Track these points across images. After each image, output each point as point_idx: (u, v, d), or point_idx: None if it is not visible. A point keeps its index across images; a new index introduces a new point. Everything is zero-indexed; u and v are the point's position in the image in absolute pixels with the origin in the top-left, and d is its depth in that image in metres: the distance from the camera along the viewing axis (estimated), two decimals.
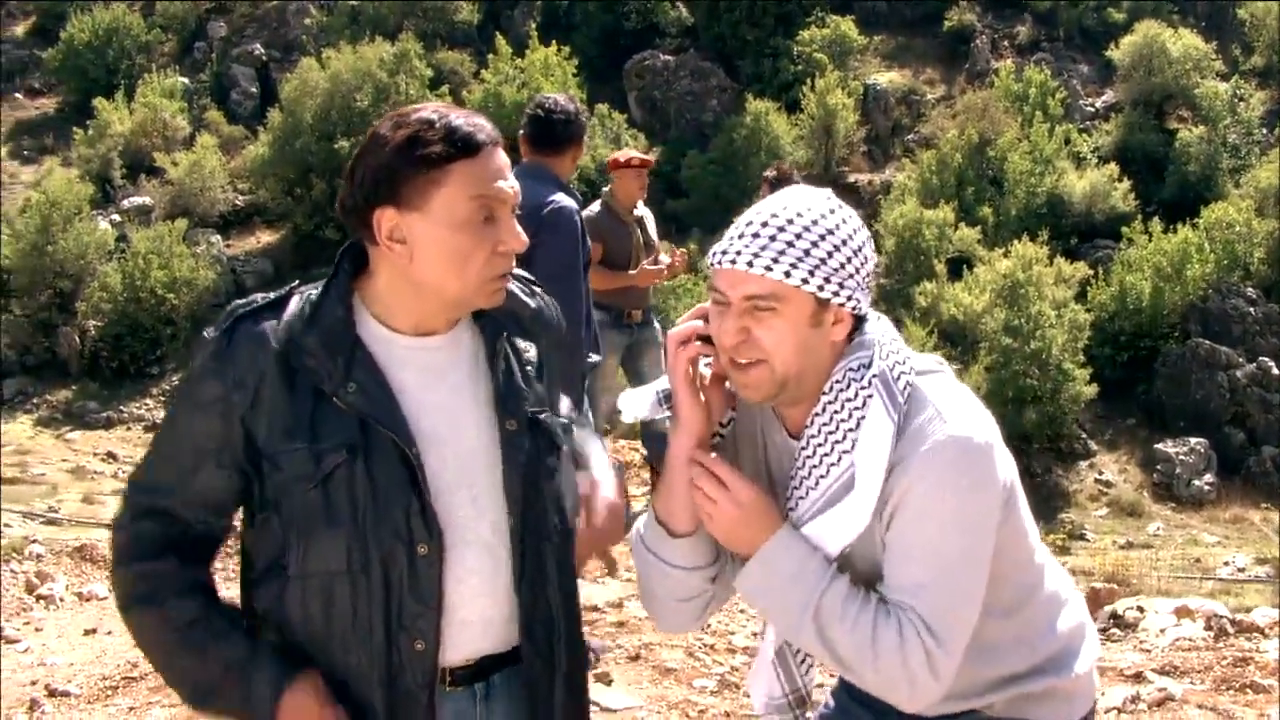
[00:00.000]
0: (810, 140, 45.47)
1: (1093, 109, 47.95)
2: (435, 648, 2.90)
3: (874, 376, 2.96)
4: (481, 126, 2.93)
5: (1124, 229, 40.17)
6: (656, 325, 10.66)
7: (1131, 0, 50.90)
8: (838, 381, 3.00)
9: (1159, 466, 34.33)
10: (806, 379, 3.00)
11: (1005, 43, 50.19)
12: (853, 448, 2.95)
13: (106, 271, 38.14)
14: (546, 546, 3.05)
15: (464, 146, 2.87)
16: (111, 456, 32.22)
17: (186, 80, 48.61)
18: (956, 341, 36.11)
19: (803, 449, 3.04)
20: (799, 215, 3.00)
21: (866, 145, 46.92)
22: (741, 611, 8.87)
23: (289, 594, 2.87)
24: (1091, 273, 38.79)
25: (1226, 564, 28.73)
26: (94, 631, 9.44)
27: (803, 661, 3.32)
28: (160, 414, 35.74)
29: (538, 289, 3.25)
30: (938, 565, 2.91)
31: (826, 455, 2.98)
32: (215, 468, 2.86)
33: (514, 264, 3.01)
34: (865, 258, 3.03)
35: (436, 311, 2.98)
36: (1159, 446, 34.69)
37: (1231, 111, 45.63)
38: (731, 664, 7.83)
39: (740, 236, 2.99)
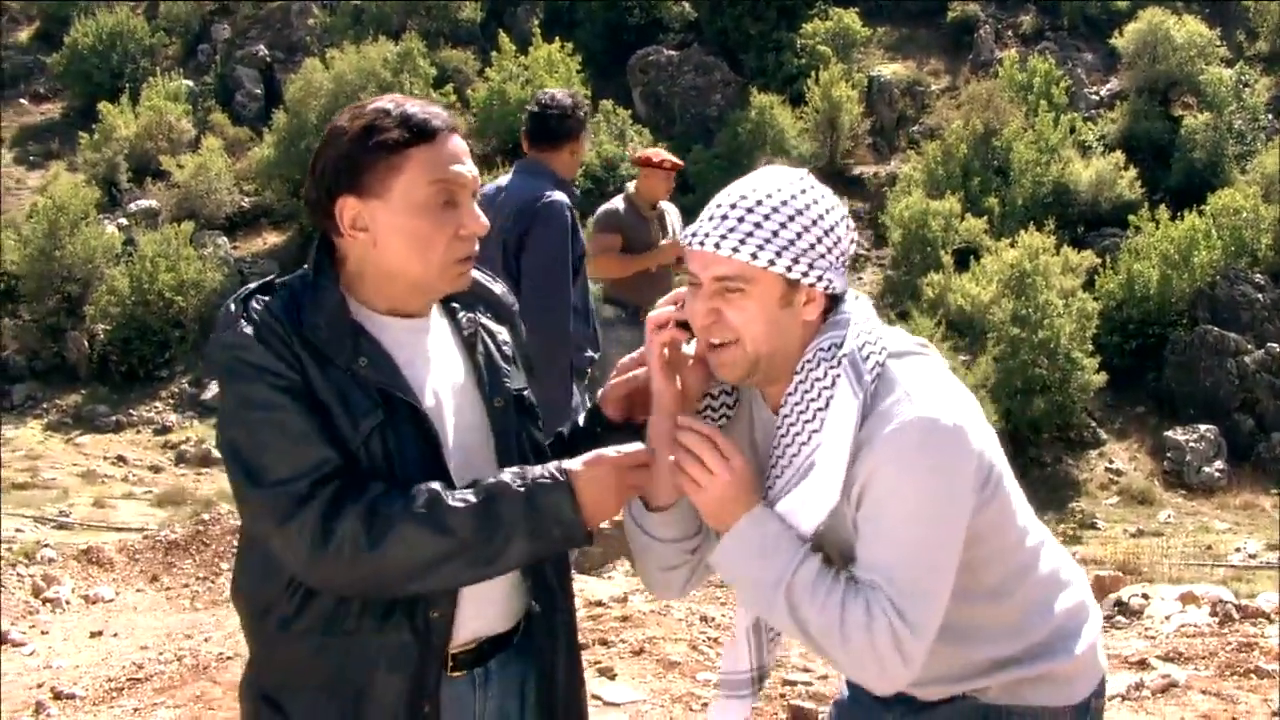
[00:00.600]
0: (815, 133, 45.43)
1: (1097, 97, 47.86)
2: (451, 617, 2.93)
3: (843, 356, 2.97)
4: (437, 114, 2.97)
5: (1131, 217, 40.13)
6: None
7: None
8: (808, 361, 3.01)
9: (1169, 454, 34.30)
10: (779, 358, 3.01)
11: (1009, 32, 50.10)
12: (821, 427, 2.95)
13: (114, 275, 38.21)
14: None
15: (420, 132, 2.91)
16: (122, 460, 32.31)
17: (191, 83, 48.68)
18: (964, 332, 36.07)
19: (777, 428, 3.05)
20: (768, 196, 3.01)
21: (871, 137, 46.87)
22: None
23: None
24: (1099, 261, 38.73)
25: (1238, 550, 28.70)
26: (100, 634, 9.47)
27: (771, 639, 3.32)
28: (171, 416, 35.83)
29: (497, 278, 3.31)
30: (905, 547, 2.91)
31: (798, 434, 2.99)
32: (325, 434, 2.86)
33: (476, 248, 3.03)
34: (837, 237, 3.03)
35: (406, 296, 3.03)
36: (1169, 434, 34.66)
37: (1237, 98, 45.52)
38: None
39: (710, 218, 3.01)
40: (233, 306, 2.98)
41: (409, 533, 2.82)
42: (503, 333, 3.22)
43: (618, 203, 10.49)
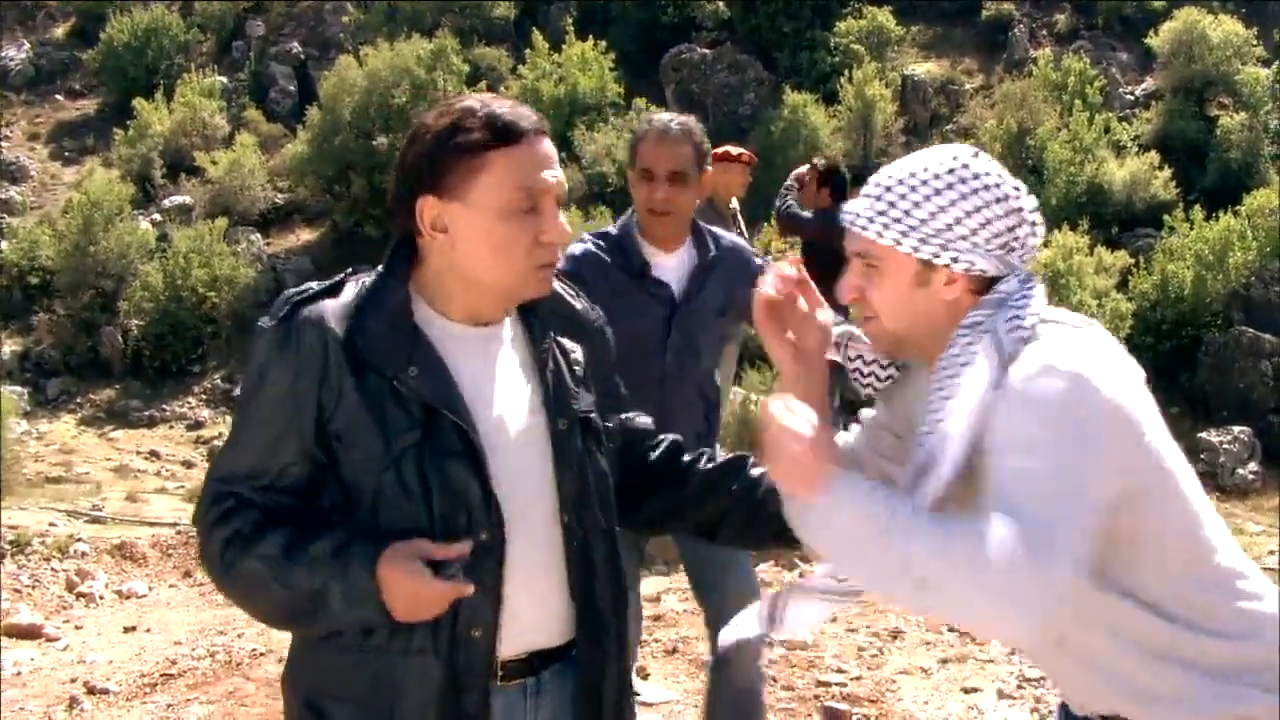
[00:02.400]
0: (848, 132, 45.28)
1: (1132, 97, 47.63)
2: (492, 636, 2.93)
3: (985, 333, 2.93)
4: (525, 115, 2.95)
5: (1165, 217, 39.87)
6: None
7: None
8: (951, 341, 2.99)
9: (1203, 455, 34.05)
10: (923, 336, 3.02)
11: (1044, 31, 49.92)
12: (953, 395, 2.92)
13: (148, 271, 38.26)
14: (596, 544, 3.07)
15: (504, 134, 2.89)
16: (155, 455, 32.37)
17: (225, 79, 48.74)
18: None
19: (929, 404, 3.02)
20: (911, 174, 3.03)
21: (905, 136, 46.65)
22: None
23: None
24: (1133, 261, 38.50)
25: (1272, 553, 28.54)
26: (133, 629, 9.49)
27: None
28: (204, 412, 35.92)
29: (580, 291, 3.27)
30: (1027, 480, 2.79)
31: (935, 411, 2.96)
32: (291, 453, 2.91)
33: (558, 255, 3.01)
34: (986, 219, 3.01)
35: (485, 301, 3.02)
36: (1202, 435, 34.43)
37: (1273, 98, 45.20)
38: (770, 657, 7.81)
39: (862, 195, 3.04)
40: (282, 302, 3.00)
41: (252, 570, 2.87)
42: (576, 351, 3.18)
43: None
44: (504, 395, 3.01)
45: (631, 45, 48.75)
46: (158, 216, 41.80)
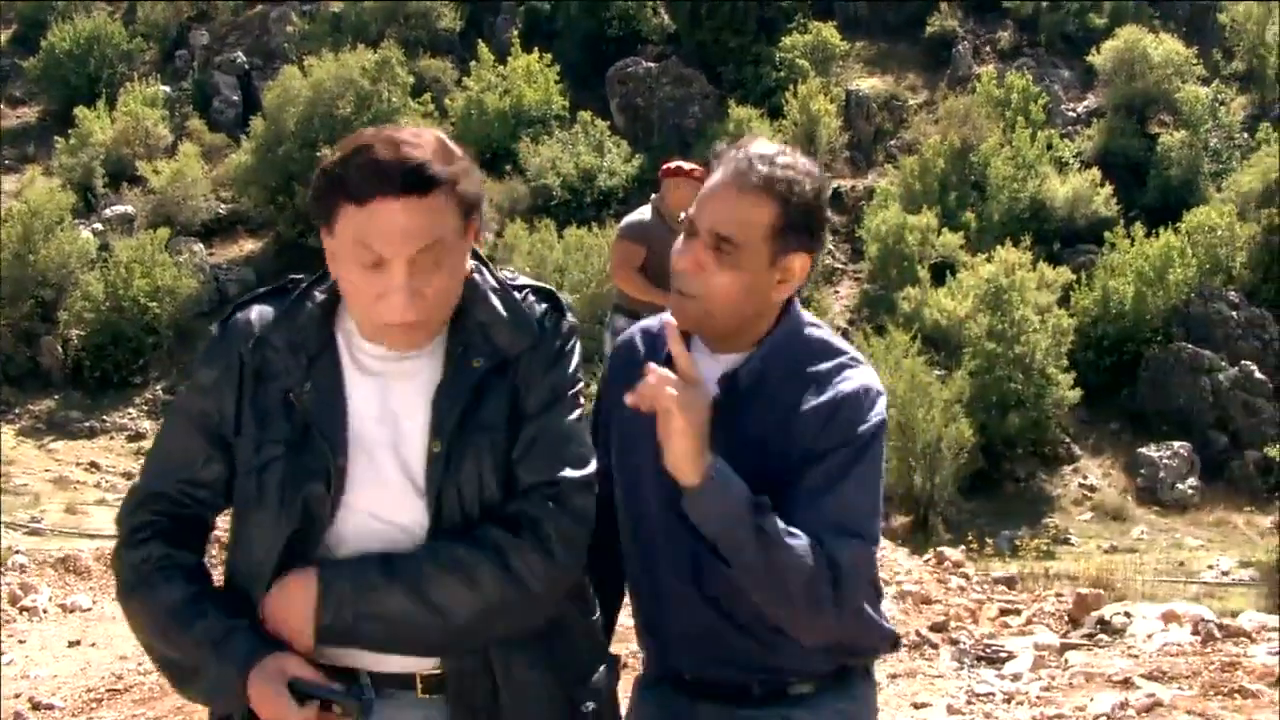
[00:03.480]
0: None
1: (1074, 114, 48.04)
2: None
3: None
4: (394, 170, 2.79)
5: (1106, 234, 40.27)
6: None
7: (1113, 4, 50.96)
8: None
9: (1143, 470, 34.41)
10: None
11: (987, 48, 50.25)
12: None
13: (89, 280, 38.09)
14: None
15: (352, 191, 2.80)
16: (94, 466, 32.17)
17: (168, 88, 48.54)
18: (940, 347, 36.12)
19: None
20: None
21: (849, 151, 46.93)
22: None
23: (233, 579, 2.92)
24: (1074, 277, 38.88)
25: (1210, 567, 28.82)
26: (78, 644, 9.40)
27: None
28: (145, 423, 35.72)
29: (530, 296, 3.15)
30: None
31: None
32: (203, 448, 2.92)
33: (408, 318, 2.90)
34: None
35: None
36: (1142, 450, 34.78)
37: (1212, 116, 45.73)
38: None
39: None
40: (227, 309, 3.03)
41: (144, 610, 2.87)
42: (487, 366, 3.07)
43: (645, 213, 10.31)
44: (394, 419, 2.96)
45: (577, 58, 48.78)
46: (99, 226, 41.57)
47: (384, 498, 2.92)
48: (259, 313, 2.95)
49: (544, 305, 3.15)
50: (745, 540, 2.91)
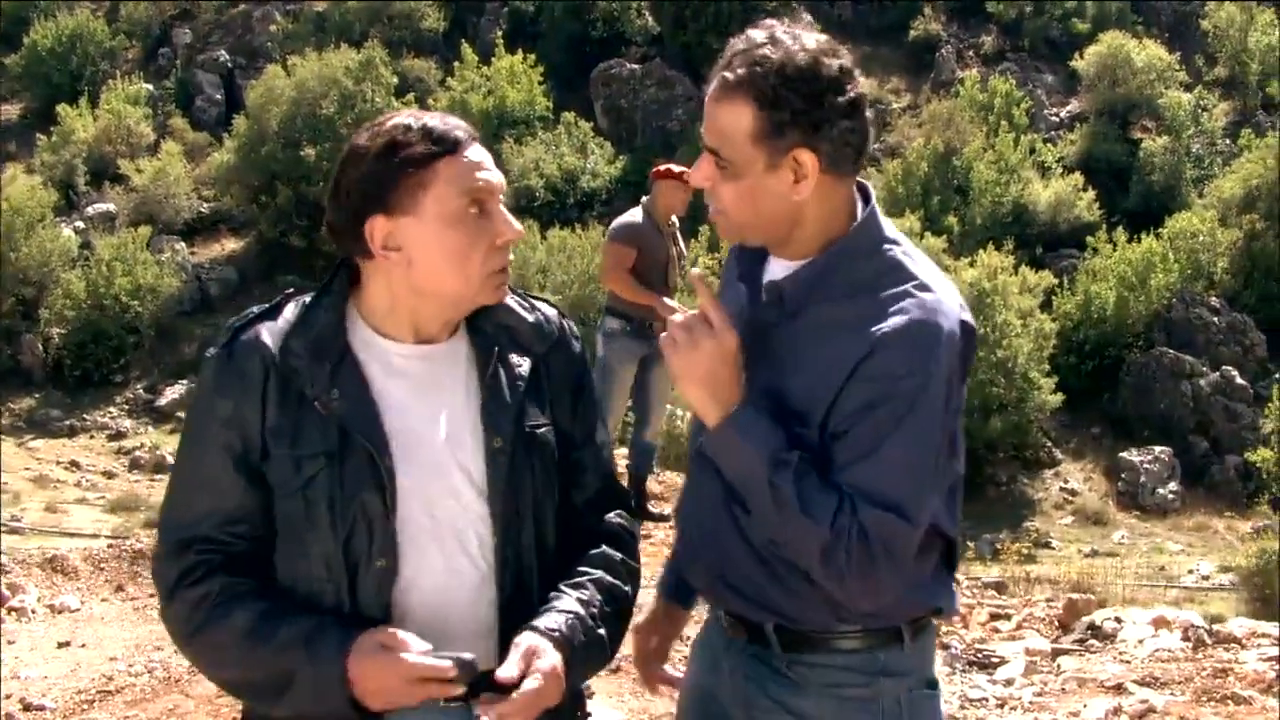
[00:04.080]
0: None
1: (1057, 119, 48.16)
2: None
3: None
4: (458, 124, 2.90)
5: (1089, 238, 40.35)
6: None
7: (1096, 9, 51.11)
8: None
9: (1123, 475, 34.49)
10: None
11: (971, 52, 50.36)
12: None
13: (70, 279, 37.96)
14: (532, 564, 3.01)
15: (444, 143, 2.84)
16: (75, 465, 32.06)
17: (151, 87, 48.40)
18: None
19: None
20: None
21: None
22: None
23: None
24: (1056, 282, 38.95)
25: (1191, 572, 28.87)
26: (68, 644, 9.35)
27: None
28: (125, 422, 35.62)
29: (536, 302, 3.20)
30: None
31: None
32: (240, 483, 2.83)
33: (510, 257, 2.96)
34: None
35: (437, 315, 2.95)
36: (1123, 455, 34.85)
37: (1195, 122, 45.90)
38: None
39: None
40: (225, 330, 2.96)
41: (219, 641, 2.80)
42: (523, 365, 3.09)
43: (636, 215, 10.36)
44: (437, 415, 2.94)
45: (561, 59, 48.75)
46: (80, 224, 41.46)
47: (438, 495, 2.90)
48: (268, 328, 2.90)
49: (553, 310, 3.19)
50: (759, 494, 2.84)
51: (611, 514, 3.17)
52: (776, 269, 3.02)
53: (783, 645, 3.07)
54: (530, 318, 3.11)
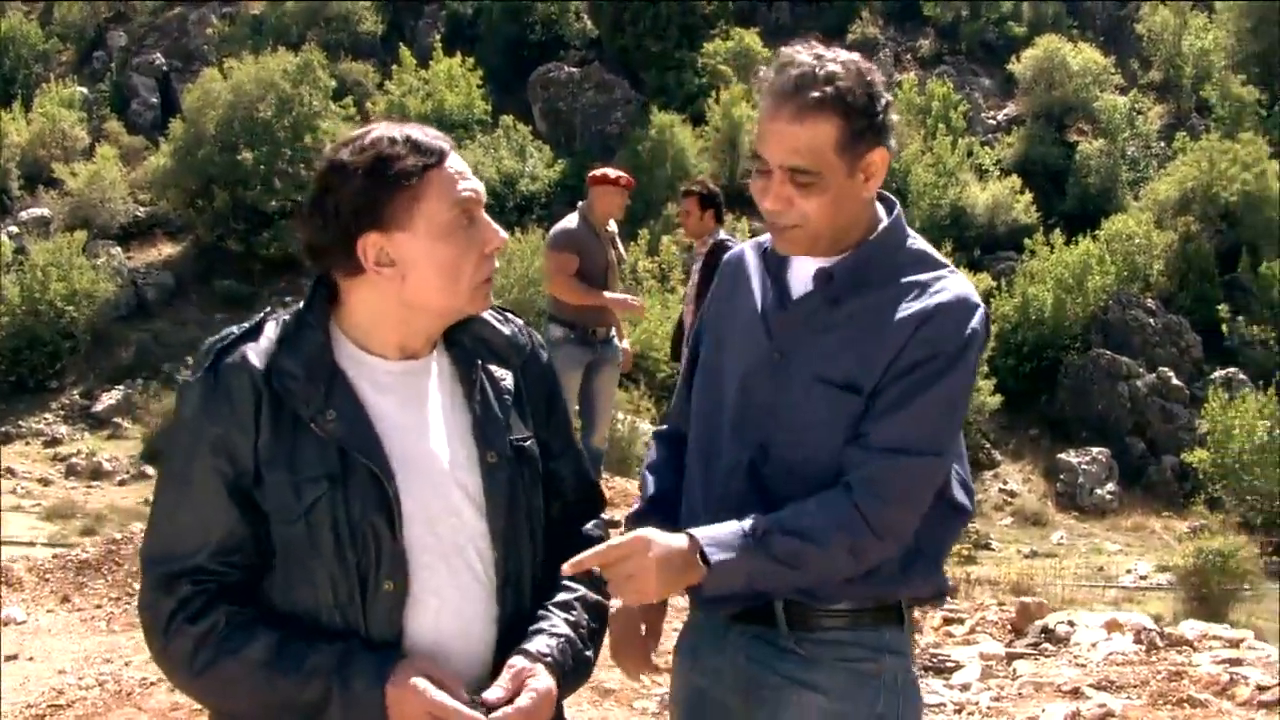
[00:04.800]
0: (715, 152, 45.66)
1: (994, 122, 48.50)
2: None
3: None
4: (435, 133, 2.87)
5: (1026, 241, 40.66)
6: (617, 344, 10.65)
7: (1033, 12, 51.46)
8: None
9: (1062, 476, 34.74)
10: None
11: (908, 56, 50.64)
12: None
13: (4, 284, 37.57)
14: (527, 577, 2.99)
15: (431, 154, 2.81)
16: (10, 472, 31.76)
17: (85, 90, 48.02)
18: None
19: None
20: None
21: None
22: (676, 630, 8.80)
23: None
24: (994, 284, 39.19)
25: (1129, 572, 29.11)
26: (14, 658, 9.21)
27: None
28: (61, 428, 35.30)
29: (510, 315, 3.18)
30: None
31: None
32: (233, 511, 2.75)
33: (503, 235, 2.94)
34: None
35: (424, 329, 2.90)
36: (1061, 456, 35.11)
37: (1130, 125, 46.33)
38: (660, 697, 7.78)
39: None
40: (204, 352, 2.86)
41: (233, 674, 2.72)
42: (507, 378, 3.06)
43: (573, 221, 10.33)
44: (429, 432, 2.89)
45: (499, 62, 48.67)
46: (14, 229, 41.03)
47: (439, 514, 2.85)
48: (253, 349, 2.82)
49: (521, 320, 3.17)
50: (775, 576, 2.92)
51: (589, 524, 3.16)
52: (806, 266, 3.14)
53: (789, 623, 3.12)
54: (506, 330, 3.09)
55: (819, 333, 3.05)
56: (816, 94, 2.96)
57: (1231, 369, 36.86)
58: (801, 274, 3.14)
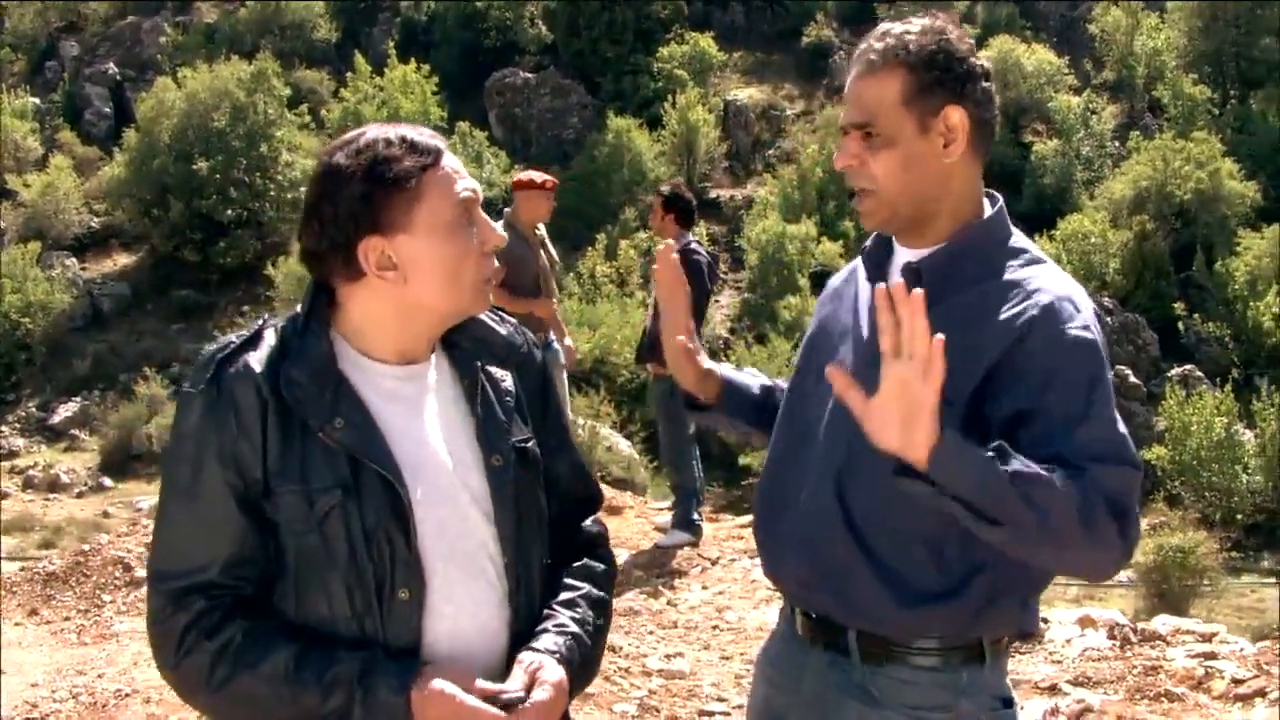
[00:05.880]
0: (672, 156, 45.68)
1: None
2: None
3: None
4: (428, 132, 2.85)
5: None
6: (555, 346, 10.61)
7: (986, 11, 51.69)
8: None
9: None
10: None
11: None
12: None
13: None
14: (537, 581, 2.98)
15: (428, 154, 2.79)
16: None
17: (38, 100, 47.74)
18: None
19: None
20: None
21: (728, 161, 47.22)
22: (651, 634, 8.82)
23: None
24: None
25: (1070, 585, 29.22)
26: None
27: None
28: (18, 441, 35.08)
29: (504, 315, 3.16)
30: None
31: None
32: (244, 523, 2.71)
33: (496, 263, 2.92)
34: None
35: (425, 331, 2.88)
36: None
37: (1084, 125, 46.55)
38: (649, 687, 7.78)
39: None
40: (204, 362, 2.82)
41: (252, 689, 2.69)
42: (506, 379, 3.04)
43: (500, 229, 10.32)
44: (434, 437, 2.87)
45: (454, 69, 48.62)
46: None
47: (449, 519, 2.83)
48: (255, 358, 2.78)
49: (513, 320, 3.16)
50: (1002, 493, 2.69)
51: (587, 520, 3.17)
52: (907, 257, 3.03)
53: (863, 655, 3.04)
54: (503, 330, 3.08)
55: None
56: (881, 45, 2.94)
57: (1188, 366, 37.06)
58: (903, 263, 3.03)
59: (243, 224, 40.85)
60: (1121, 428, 2.82)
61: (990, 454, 2.70)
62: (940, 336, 2.64)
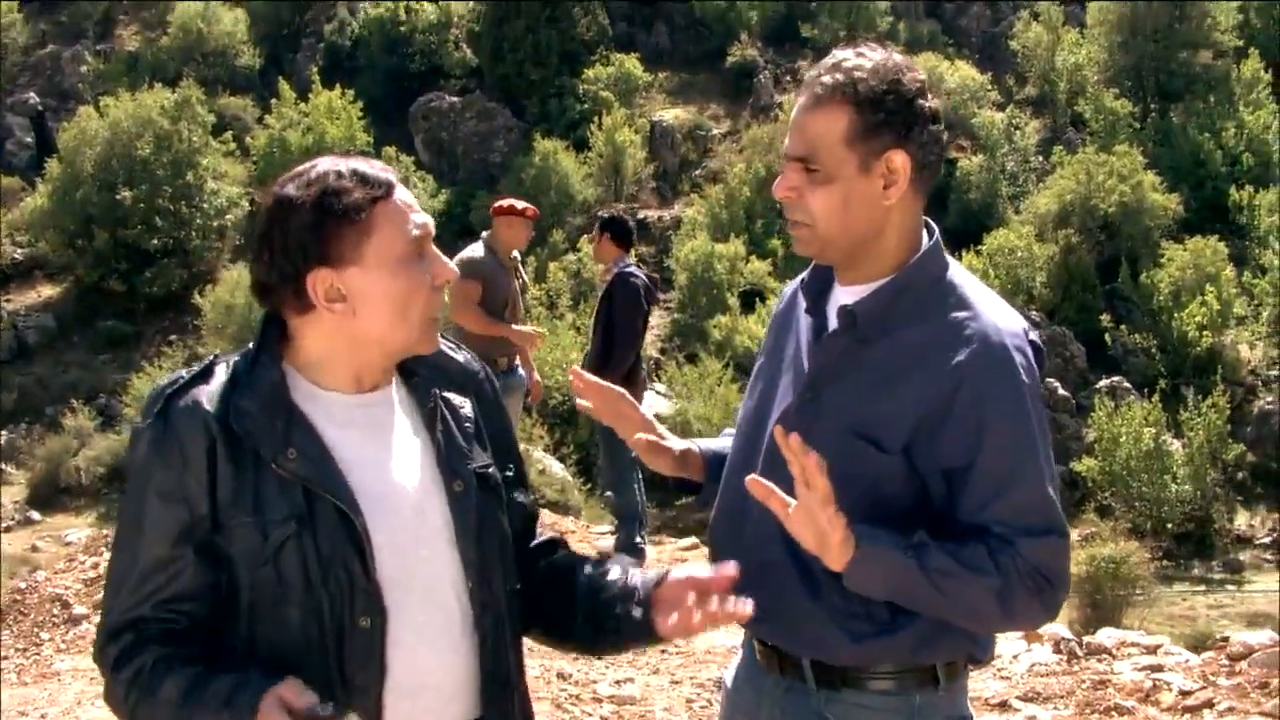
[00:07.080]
0: (599, 178, 45.71)
1: None
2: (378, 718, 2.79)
3: None
4: (380, 165, 2.85)
5: None
6: (521, 374, 10.64)
7: (909, 30, 52.03)
8: None
9: None
10: None
11: (788, 77, 50.92)
12: None
13: None
14: (502, 608, 2.97)
15: (379, 187, 2.78)
16: None
17: None
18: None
19: None
20: None
21: (655, 181, 47.28)
22: (600, 660, 8.79)
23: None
24: None
25: None
26: None
27: None
28: None
29: (459, 343, 3.16)
30: None
31: None
32: (190, 560, 2.71)
33: (447, 299, 2.93)
34: None
35: (377, 363, 2.87)
36: None
37: (1008, 140, 46.95)
38: (601, 713, 7.76)
39: None
40: (154, 397, 2.81)
41: (152, 714, 2.71)
42: (465, 406, 3.04)
43: (478, 250, 10.34)
44: (393, 464, 2.86)
45: (379, 93, 48.51)
46: None
47: (409, 546, 2.82)
48: (204, 392, 2.77)
49: (468, 350, 3.16)
50: (919, 587, 2.80)
51: (556, 549, 3.19)
52: (843, 296, 3.03)
53: (818, 682, 3.06)
54: (459, 357, 3.09)
55: (850, 373, 2.94)
56: (828, 80, 2.91)
57: (1116, 377, 37.35)
58: (838, 306, 3.04)
59: (169, 253, 40.52)
60: (1051, 489, 2.87)
61: (909, 553, 2.78)
62: (816, 459, 2.70)
